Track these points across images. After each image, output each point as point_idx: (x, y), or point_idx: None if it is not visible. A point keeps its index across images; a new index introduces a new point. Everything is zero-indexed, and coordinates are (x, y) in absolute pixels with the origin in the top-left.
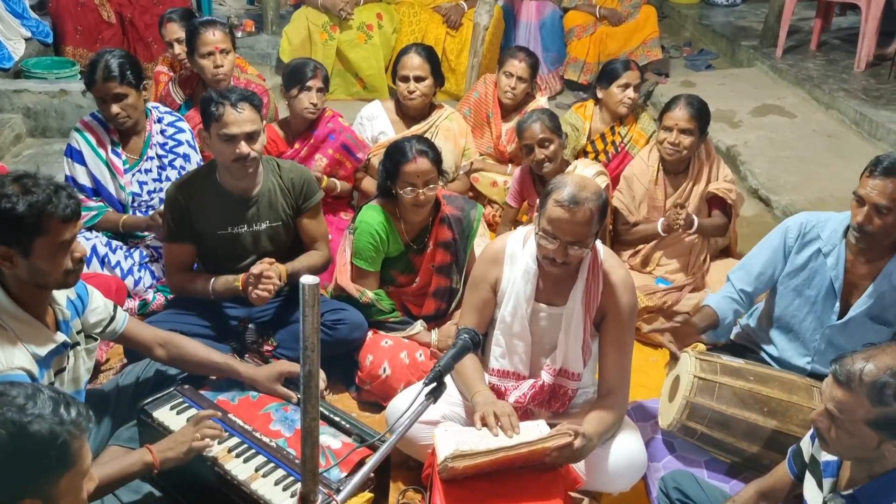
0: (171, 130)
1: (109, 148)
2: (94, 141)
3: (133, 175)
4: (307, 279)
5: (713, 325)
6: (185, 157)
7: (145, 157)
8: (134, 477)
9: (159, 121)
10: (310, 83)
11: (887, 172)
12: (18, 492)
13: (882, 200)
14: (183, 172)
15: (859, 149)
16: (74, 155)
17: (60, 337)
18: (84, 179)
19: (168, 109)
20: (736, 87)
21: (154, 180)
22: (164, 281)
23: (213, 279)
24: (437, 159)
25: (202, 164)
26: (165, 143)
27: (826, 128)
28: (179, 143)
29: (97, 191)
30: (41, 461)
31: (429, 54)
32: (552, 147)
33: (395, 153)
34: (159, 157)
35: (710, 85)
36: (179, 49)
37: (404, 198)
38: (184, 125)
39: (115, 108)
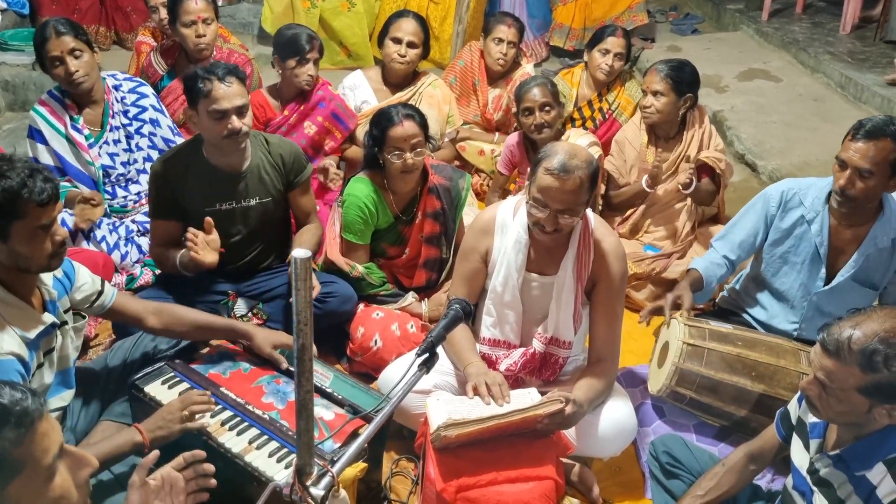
0: (132, 97)
1: (69, 123)
2: (51, 117)
3: (100, 148)
4: (298, 253)
5: (699, 287)
6: (154, 123)
7: (108, 128)
8: (124, 457)
9: (117, 88)
10: (309, 55)
11: (869, 135)
12: None
13: (864, 164)
14: (154, 138)
15: (845, 112)
16: (35, 135)
17: (48, 318)
18: (47, 159)
19: (127, 75)
20: (722, 51)
21: (125, 150)
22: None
23: (179, 253)
24: (423, 123)
25: (173, 127)
26: (127, 111)
27: (812, 91)
28: (143, 109)
29: (62, 170)
30: None
31: (422, 24)
32: (553, 113)
33: (382, 119)
34: (124, 126)
35: (696, 49)
36: (165, 13)
37: (392, 164)
38: (145, 89)
39: (72, 64)
